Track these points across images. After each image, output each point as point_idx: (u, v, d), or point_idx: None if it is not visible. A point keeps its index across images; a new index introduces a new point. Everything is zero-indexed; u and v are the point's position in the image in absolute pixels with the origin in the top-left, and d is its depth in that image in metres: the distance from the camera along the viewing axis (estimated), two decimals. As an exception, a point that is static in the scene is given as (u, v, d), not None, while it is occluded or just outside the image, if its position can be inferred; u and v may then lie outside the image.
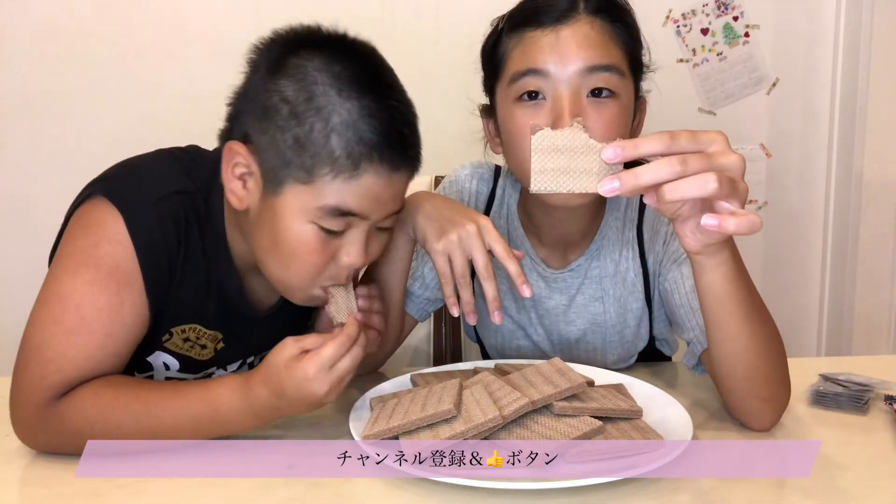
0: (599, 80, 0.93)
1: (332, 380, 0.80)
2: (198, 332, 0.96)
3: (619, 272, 1.10)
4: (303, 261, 0.86)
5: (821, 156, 2.28)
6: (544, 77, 0.94)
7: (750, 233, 0.69)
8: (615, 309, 1.10)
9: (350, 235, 0.87)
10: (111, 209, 0.86)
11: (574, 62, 0.93)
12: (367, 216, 0.86)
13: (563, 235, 1.11)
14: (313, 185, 0.82)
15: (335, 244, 0.86)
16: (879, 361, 1.28)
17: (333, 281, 0.89)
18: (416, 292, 1.13)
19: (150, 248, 0.87)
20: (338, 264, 0.87)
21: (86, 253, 0.86)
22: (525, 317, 1.15)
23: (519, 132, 0.96)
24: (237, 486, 0.77)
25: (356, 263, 0.88)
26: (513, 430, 0.79)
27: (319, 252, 0.86)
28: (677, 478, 0.76)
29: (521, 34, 0.97)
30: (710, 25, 2.20)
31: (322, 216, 0.84)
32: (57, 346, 0.83)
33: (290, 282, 0.89)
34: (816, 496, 0.74)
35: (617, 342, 1.12)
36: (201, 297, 0.94)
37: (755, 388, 0.86)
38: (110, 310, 0.85)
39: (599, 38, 0.94)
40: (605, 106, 0.94)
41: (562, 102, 0.93)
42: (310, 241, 0.85)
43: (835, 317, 2.30)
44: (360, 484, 0.77)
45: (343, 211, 0.84)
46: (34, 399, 0.83)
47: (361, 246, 0.87)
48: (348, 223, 0.85)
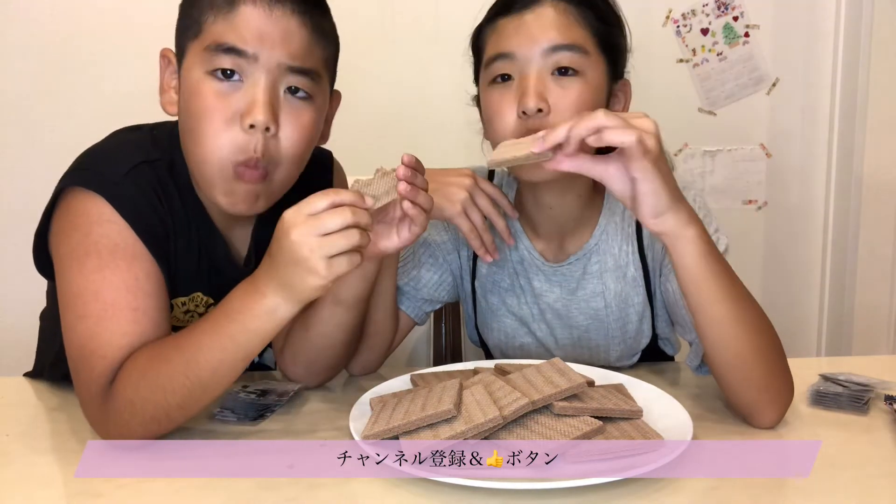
0: (563, 59, 0.97)
1: (308, 226, 0.75)
2: (197, 301, 0.96)
3: (620, 267, 1.10)
4: (206, 123, 0.86)
5: (821, 156, 2.28)
6: (511, 59, 0.98)
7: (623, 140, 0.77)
8: (617, 304, 1.11)
9: (247, 87, 0.86)
10: (88, 194, 0.87)
11: (537, 43, 0.97)
12: (253, 53, 0.85)
13: (558, 225, 1.11)
14: (202, 35, 0.86)
15: (234, 101, 0.86)
16: (879, 361, 1.28)
17: (244, 154, 0.86)
18: (413, 293, 1.14)
19: (141, 216, 0.88)
20: (242, 127, 0.86)
21: (82, 245, 0.86)
22: (528, 312, 1.15)
23: (494, 113, 1.00)
24: (237, 486, 0.76)
25: (257, 117, 0.85)
26: (513, 430, 0.79)
27: (218, 108, 0.86)
28: (677, 478, 0.76)
29: (495, 23, 1.03)
30: (710, 25, 2.20)
31: (210, 58, 0.86)
32: (93, 338, 0.83)
33: (204, 160, 0.87)
34: (816, 496, 0.74)
35: (619, 338, 1.12)
36: (194, 263, 0.94)
37: (748, 378, 0.87)
38: (127, 286, 0.85)
39: (562, 19, 0.98)
40: (571, 84, 0.97)
41: (527, 81, 0.97)
42: (206, 93, 0.86)
43: (835, 317, 2.30)
44: (360, 484, 0.77)
45: (225, 46, 0.85)
46: (94, 395, 0.83)
47: (259, 97, 0.85)
48: (237, 64, 0.85)
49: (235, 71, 0.87)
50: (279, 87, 0.88)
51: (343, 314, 0.97)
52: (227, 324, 0.81)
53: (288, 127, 0.89)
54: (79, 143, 0.97)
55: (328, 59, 0.94)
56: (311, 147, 0.94)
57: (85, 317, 0.84)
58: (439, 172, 1.04)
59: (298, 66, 0.88)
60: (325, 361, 1.02)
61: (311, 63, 0.90)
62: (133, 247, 0.87)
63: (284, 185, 0.93)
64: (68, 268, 0.86)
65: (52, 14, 1.99)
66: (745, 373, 0.87)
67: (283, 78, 0.88)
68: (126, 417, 0.82)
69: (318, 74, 0.91)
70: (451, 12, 2.07)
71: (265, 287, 0.80)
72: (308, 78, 0.89)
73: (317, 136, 0.95)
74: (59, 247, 0.89)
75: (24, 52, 2.00)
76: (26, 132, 2.02)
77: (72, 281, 0.86)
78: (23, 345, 1.16)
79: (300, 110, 0.90)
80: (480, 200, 1.03)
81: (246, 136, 0.86)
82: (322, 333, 0.98)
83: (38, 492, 0.77)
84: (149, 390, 0.81)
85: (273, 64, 0.87)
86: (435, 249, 1.16)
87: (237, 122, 0.86)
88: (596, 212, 1.11)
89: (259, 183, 0.89)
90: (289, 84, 0.88)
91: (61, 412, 0.97)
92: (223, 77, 0.86)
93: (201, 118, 0.87)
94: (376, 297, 1.06)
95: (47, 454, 0.85)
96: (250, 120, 0.85)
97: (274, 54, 0.86)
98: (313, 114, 0.91)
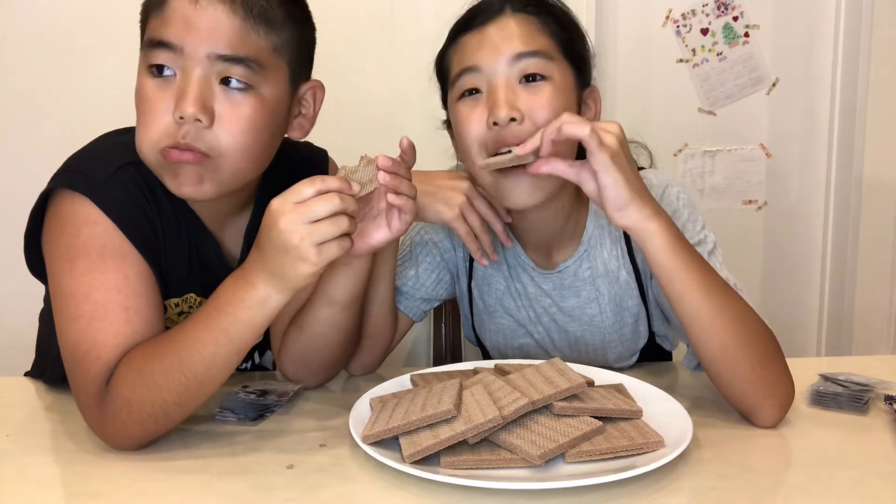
0: (529, 66, 0.98)
1: (296, 214, 0.76)
2: (190, 302, 0.96)
3: (611, 271, 1.10)
4: (142, 116, 0.87)
5: (821, 156, 2.28)
6: (477, 72, 0.99)
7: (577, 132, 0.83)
8: (611, 308, 1.11)
9: (179, 80, 0.86)
10: (75, 196, 0.88)
11: (502, 53, 0.98)
12: (181, 45, 0.85)
13: (544, 236, 1.11)
14: (145, 35, 0.88)
15: (167, 95, 0.86)
16: (879, 361, 1.28)
17: (170, 139, 0.86)
18: (411, 292, 1.14)
19: (128, 217, 0.88)
20: (174, 120, 0.85)
21: (71, 247, 0.86)
22: (525, 315, 1.15)
23: (463, 127, 1.00)
24: (237, 486, 0.76)
25: (186, 109, 0.84)
26: (513, 430, 0.79)
27: (152, 101, 0.86)
28: (677, 478, 0.76)
29: (458, 41, 1.04)
30: (710, 25, 2.20)
31: (146, 56, 0.87)
32: (86, 340, 0.84)
33: (141, 150, 0.88)
34: (816, 496, 0.74)
35: (616, 341, 1.12)
36: (185, 263, 0.94)
37: (737, 370, 0.87)
38: (118, 287, 0.85)
39: (524, 29, 0.99)
40: (539, 89, 0.98)
41: (496, 92, 0.97)
42: (144, 89, 0.87)
43: (835, 317, 2.30)
44: (360, 484, 0.77)
45: (155, 41, 0.86)
46: (91, 396, 0.83)
47: (187, 89, 0.85)
48: (168, 59, 0.86)
49: (168, 66, 0.86)
50: (212, 78, 0.86)
51: (337, 314, 0.97)
52: (219, 317, 0.81)
53: (225, 118, 0.87)
54: (80, 143, 0.97)
55: (278, 46, 0.90)
56: (261, 139, 0.90)
57: (77, 318, 0.84)
58: (436, 175, 1.05)
59: (230, 54, 0.86)
60: (322, 362, 1.02)
61: (247, 51, 0.87)
62: (121, 247, 0.87)
63: (237, 177, 0.91)
64: (59, 270, 0.87)
65: (53, 13, 1.99)
66: (733, 366, 0.87)
67: (214, 68, 0.86)
68: (123, 417, 0.82)
69: (258, 63, 0.88)
70: (452, 12, 2.07)
71: (255, 278, 0.80)
72: (243, 66, 0.87)
73: (271, 127, 0.92)
74: (50, 250, 0.89)
75: (25, 51, 2.00)
76: (27, 131, 2.02)
77: (63, 283, 0.86)
78: (23, 345, 1.16)
79: (238, 102, 0.87)
80: (479, 204, 1.04)
81: (176, 127, 0.86)
82: (317, 334, 0.98)
83: (37, 492, 0.77)
84: (145, 389, 0.81)
85: (202, 55, 0.85)
86: (432, 248, 1.16)
87: (170, 114, 0.86)
88: (581, 221, 1.11)
89: (196, 165, 0.87)
90: (222, 74, 0.87)
91: (61, 412, 0.97)
92: (157, 73, 0.87)
93: (140, 113, 0.88)
94: (375, 298, 1.06)
95: (47, 454, 0.85)
96: (179, 112, 0.85)
97: (202, 45, 0.85)
98: (255, 104, 0.88)
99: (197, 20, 0.85)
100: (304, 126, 1.00)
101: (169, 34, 0.85)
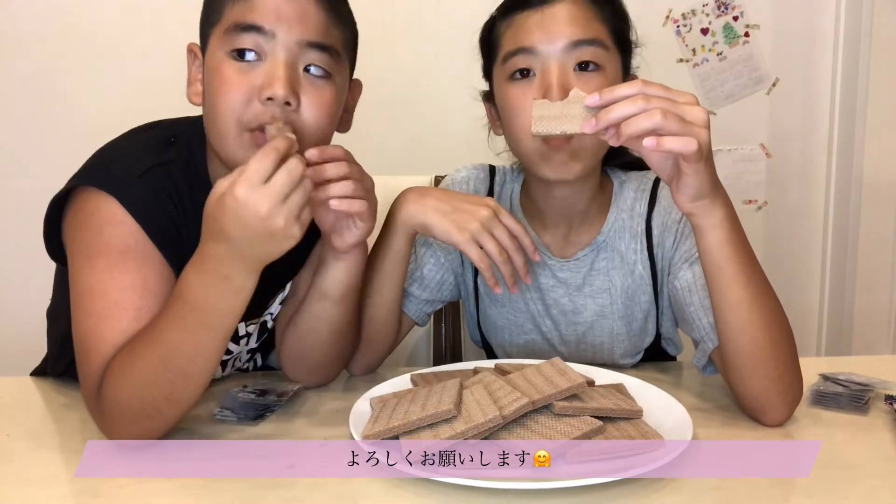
0: (585, 54, 0.98)
1: (270, 196, 0.74)
2: None
3: (627, 264, 1.10)
4: (226, 97, 0.87)
5: (821, 156, 2.28)
6: (533, 54, 0.99)
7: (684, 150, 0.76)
8: (623, 300, 1.11)
9: (267, 64, 0.87)
10: (101, 195, 0.88)
11: (560, 38, 0.98)
12: (272, 31, 0.86)
13: (566, 216, 1.12)
14: (222, 20, 0.88)
15: (254, 77, 0.86)
16: (879, 361, 1.28)
17: (258, 120, 0.86)
18: (415, 293, 1.14)
19: (152, 219, 0.88)
20: (261, 100, 0.86)
21: (93, 244, 0.87)
22: (533, 308, 1.15)
23: (514, 108, 1.01)
24: (237, 486, 0.76)
25: (276, 91, 0.85)
26: (513, 430, 0.79)
27: (236, 83, 0.86)
28: (677, 478, 0.76)
29: (511, 17, 1.02)
30: (710, 25, 2.20)
31: (230, 39, 0.87)
32: (93, 335, 0.84)
33: (220, 131, 0.88)
34: (816, 496, 0.74)
35: (624, 334, 1.12)
36: None
37: (761, 366, 0.87)
38: (134, 286, 0.86)
39: (583, 14, 0.99)
40: (592, 78, 0.99)
41: (550, 76, 0.97)
42: (226, 72, 0.87)
43: (835, 317, 2.30)
44: (360, 484, 0.77)
45: (243, 25, 0.86)
46: (91, 391, 0.84)
47: (277, 72, 0.86)
48: (256, 43, 0.86)
49: (254, 50, 0.87)
50: (298, 64, 0.88)
51: (330, 308, 0.97)
52: (196, 314, 0.80)
53: (309, 104, 0.89)
54: (81, 145, 0.97)
55: (346, 41, 0.94)
56: (332, 128, 0.94)
57: (89, 314, 0.85)
58: (458, 196, 1.02)
59: (318, 41, 0.89)
60: (317, 359, 1.02)
61: (331, 41, 0.90)
62: (144, 248, 0.87)
63: None
64: (80, 265, 0.88)
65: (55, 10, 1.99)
66: (759, 361, 0.87)
67: (302, 55, 0.88)
68: (115, 414, 0.83)
69: (337, 53, 0.91)
70: (452, 12, 2.08)
71: (230, 269, 0.78)
72: (327, 55, 0.90)
73: (337, 118, 0.95)
74: (72, 244, 0.90)
75: (27, 49, 2.01)
76: (27, 132, 2.02)
77: (81, 279, 0.87)
78: (24, 345, 1.16)
79: (321, 88, 0.90)
80: (498, 233, 0.99)
81: (263, 108, 0.87)
82: (310, 329, 0.98)
83: (38, 492, 0.77)
84: (130, 387, 0.81)
85: (292, 41, 0.87)
86: (437, 249, 1.16)
87: (255, 97, 0.86)
88: (603, 207, 1.12)
89: None
90: (309, 61, 0.89)
91: (62, 412, 0.97)
92: (239, 57, 0.87)
93: (221, 94, 0.87)
94: (381, 303, 1.06)
95: (47, 454, 0.85)
96: (269, 93, 0.85)
97: (293, 31, 0.87)
98: (334, 92, 0.91)
99: (287, 8, 0.87)
100: (347, 121, 1.02)
101: (260, 19, 0.86)
